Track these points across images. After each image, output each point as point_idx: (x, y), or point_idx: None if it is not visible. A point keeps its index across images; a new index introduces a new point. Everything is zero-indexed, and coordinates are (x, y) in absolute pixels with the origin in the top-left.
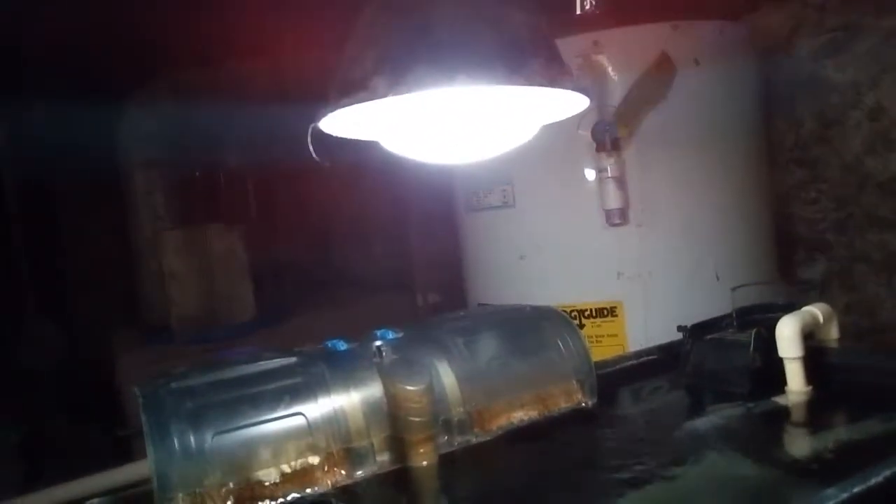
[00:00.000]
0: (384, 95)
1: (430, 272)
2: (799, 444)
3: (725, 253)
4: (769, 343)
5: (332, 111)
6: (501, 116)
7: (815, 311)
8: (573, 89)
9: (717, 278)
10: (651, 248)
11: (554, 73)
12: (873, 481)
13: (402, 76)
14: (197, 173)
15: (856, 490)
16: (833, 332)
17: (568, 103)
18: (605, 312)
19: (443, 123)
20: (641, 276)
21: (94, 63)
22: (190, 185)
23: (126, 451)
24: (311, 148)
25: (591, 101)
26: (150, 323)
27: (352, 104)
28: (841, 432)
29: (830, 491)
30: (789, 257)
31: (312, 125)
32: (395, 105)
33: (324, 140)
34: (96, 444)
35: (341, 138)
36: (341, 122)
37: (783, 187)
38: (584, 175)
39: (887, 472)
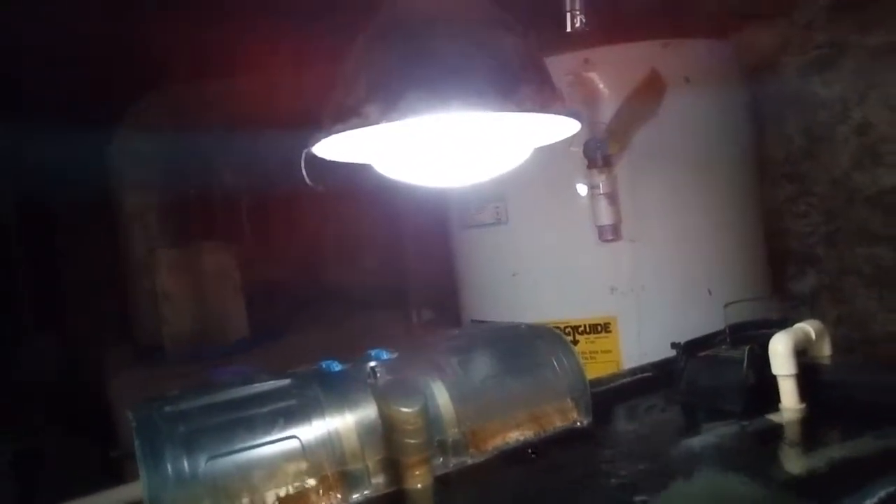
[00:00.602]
0: (377, 122)
1: (424, 289)
2: (794, 463)
3: (717, 268)
4: (762, 360)
5: (325, 137)
6: (494, 141)
7: (808, 327)
8: (564, 114)
9: (710, 293)
10: (644, 263)
11: (545, 98)
12: (868, 502)
13: (395, 103)
14: (190, 193)
15: None
16: (825, 349)
17: (559, 126)
18: (599, 328)
19: (435, 148)
20: (634, 291)
21: (91, 83)
22: (183, 205)
23: (118, 472)
24: (304, 173)
25: (582, 121)
26: (144, 342)
27: (345, 130)
28: (835, 450)
29: None
30: (781, 271)
31: (306, 150)
32: (388, 130)
33: (317, 165)
34: (89, 464)
35: (335, 162)
36: (335, 147)
37: (774, 202)
38: (577, 192)
39: (882, 493)
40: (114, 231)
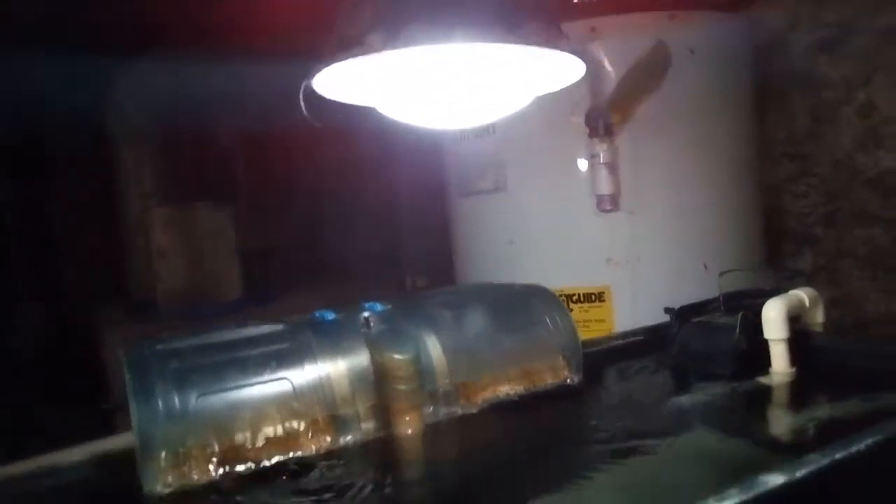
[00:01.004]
0: (379, 50)
1: (419, 255)
2: (780, 421)
3: (714, 242)
4: (755, 326)
5: (326, 67)
6: (497, 82)
7: (802, 294)
8: (569, 52)
9: (706, 267)
10: (640, 234)
11: (551, 35)
12: (854, 449)
13: (398, 32)
14: (186, 150)
15: (838, 456)
16: (819, 317)
17: (563, 72)
18: (593, 297)
19: (438, 87)
20: (630, 262)
21: (86, 34)
22: (179, 163)
23: (111, 427)
24: (302, 106)
25: (586, 81)
26: (137, 299)
27: (346, 59)
28: (822, 410)
29: (812, 456)
30: (777, 250)
31: (305, 83)
32: (390, 65)
33: (316, 100)
34: (81, 421)
35: (334, 103)
36: (335, 83)
37: (774, 181)
38: (577, 161)
39: (869, 441)
40: (108, 187)
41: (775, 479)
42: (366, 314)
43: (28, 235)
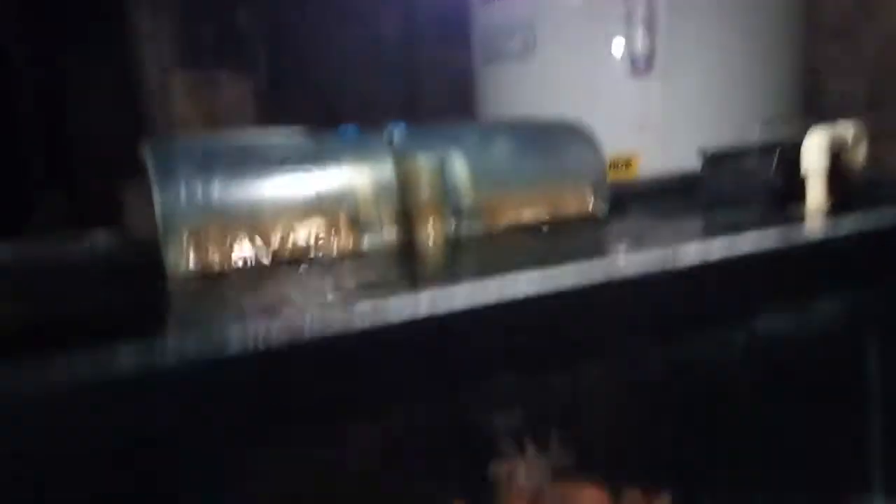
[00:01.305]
0: None
1: None
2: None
3: (750, 112)
4: (793, 164)
5: None
6: None
7: (847, 129)
8: None
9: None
10: (673, 101)
11: None
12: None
13: None
14: (206, 20)
15: (877, 222)
16: (860, 155)
17: None
18: (621, 165)
19: None
20: (661, 129)
21: None
22: (199, 32)
23: None
24: None
25: None
26: None
27: None
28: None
29: (853, 220)
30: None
31: None
32: None
33: None
34: None
35: None
36: None
37: (818, 58)
38: (611, 21)
39: None
40: (127, 55)
41: (815, 235)
42: (391, 130)
43: (44, 109)
